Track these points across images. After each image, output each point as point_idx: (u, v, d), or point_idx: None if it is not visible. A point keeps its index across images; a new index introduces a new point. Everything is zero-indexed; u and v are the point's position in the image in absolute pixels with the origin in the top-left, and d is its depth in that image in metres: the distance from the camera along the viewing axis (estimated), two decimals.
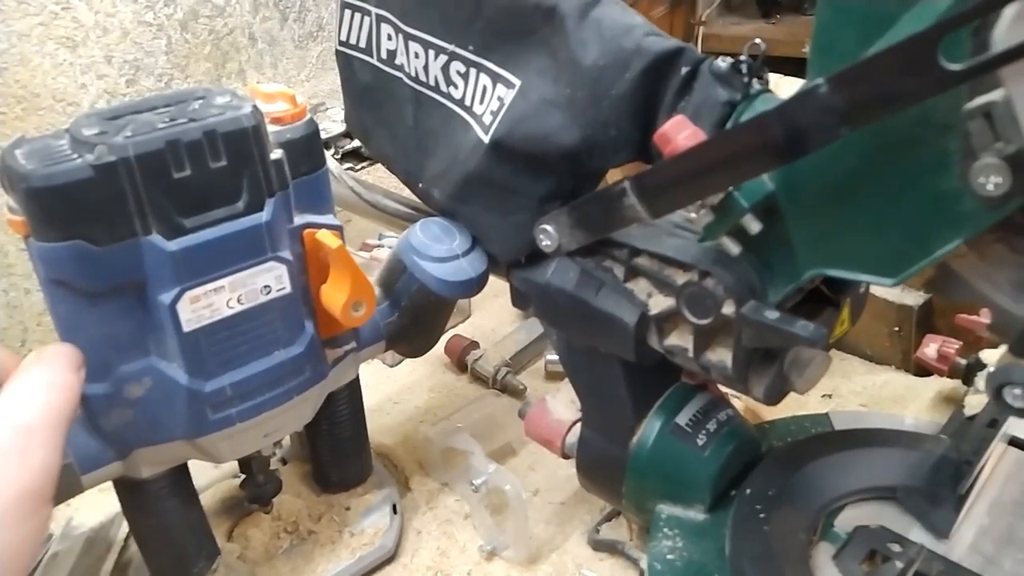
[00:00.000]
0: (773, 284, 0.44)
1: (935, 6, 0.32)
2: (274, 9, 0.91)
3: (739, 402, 0.80)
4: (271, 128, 0.52)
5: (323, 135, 0.85)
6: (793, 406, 0.78)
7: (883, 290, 0.81)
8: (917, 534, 0.53)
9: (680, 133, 0.41)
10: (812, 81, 0.35)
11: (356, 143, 0.85)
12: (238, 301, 0.51)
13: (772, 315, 0.42)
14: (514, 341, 0.88)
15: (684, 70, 0.44)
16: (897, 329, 0.81)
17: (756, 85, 0.43)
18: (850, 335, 0.87)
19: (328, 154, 0.82)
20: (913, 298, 0.79)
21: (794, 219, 0.42)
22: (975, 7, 0.29)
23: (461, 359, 0.87)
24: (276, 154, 0.51)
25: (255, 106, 0.50)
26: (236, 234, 0.49)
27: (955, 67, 0.30)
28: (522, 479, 0.73)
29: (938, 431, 0.61)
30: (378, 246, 0.94)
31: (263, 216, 0.50)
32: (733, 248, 0.43)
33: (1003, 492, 0.57)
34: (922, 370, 0.77)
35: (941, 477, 0.55)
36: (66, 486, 0.52)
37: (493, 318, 0.96)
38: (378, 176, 0.86)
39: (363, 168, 0.84)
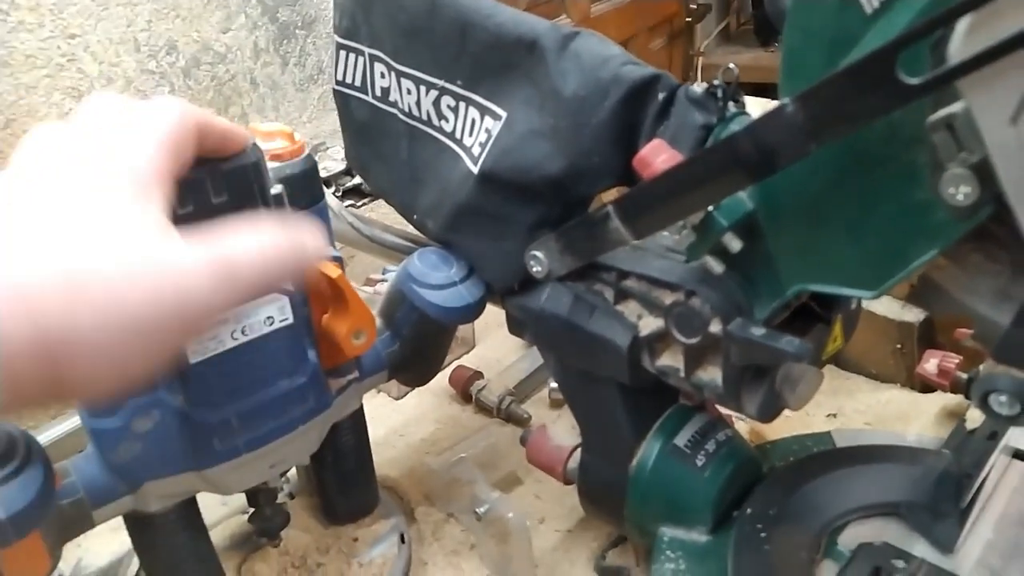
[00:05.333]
0: (759, 301, 0.45)
1: (895, 25, 0.34)
2: (275, 55, 0.94)
3: (744, 424, 0.80)
4: (270, 164, 0.54)
5: (324, 173, 0.87)
6: (799, 426, 0.78)
7: (884, 308, 0.81)
8: (922, 549, 0.53)
9: (658, 157, 0.42)
10: (780, 101, 0.36)
11: (357, 180, 0.88)
12: (242, 332, 0.52)
13: (758, 332, 0.43)
14: (518, 370, 0.88)
15: (661, 96, 0.45)
16: (900, 346, 0.81)
17: (732, 108, 0.45)
18: (854, 354, 0.88)
19: (328, 191, 0.84)
20: (914, 315, 0.79)
21: (774, 236, 0.42)
22: (926, 23, 0.30)
23: (465, 389, 0.87)
24: (276, 189, 0.53)
25: (255, 144, 0.51)
26: None
27: (914, 81, 0.32)
28: (528, 507, 0.73)
29: (940, 446, 0.61)
30: (382, 280, 0.95)
31: None
32: (716, 267, 0.44)
33: (1009, 505, 0.57)
34: (927, 386, 0.77)
35: (944, 492, 0.55)
36: (76, 520, 0.53)
37: (498, 348, 0.97)
38: (382, 212, 0.87)
39: (364, 204, 0.86)
